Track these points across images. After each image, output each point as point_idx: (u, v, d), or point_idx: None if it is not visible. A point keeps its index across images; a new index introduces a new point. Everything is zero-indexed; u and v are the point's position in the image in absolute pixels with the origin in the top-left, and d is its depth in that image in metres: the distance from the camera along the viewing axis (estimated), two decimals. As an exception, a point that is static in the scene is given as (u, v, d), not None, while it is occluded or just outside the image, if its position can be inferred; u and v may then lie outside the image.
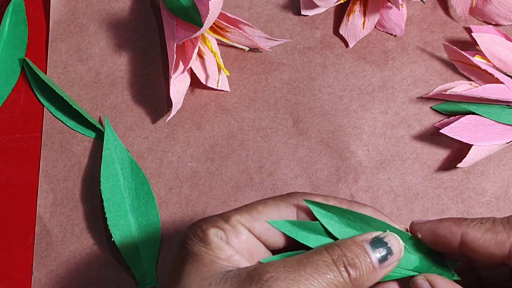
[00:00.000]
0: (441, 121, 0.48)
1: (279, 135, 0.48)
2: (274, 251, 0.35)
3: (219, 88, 0.49)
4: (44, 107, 0.50)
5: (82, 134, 0.49)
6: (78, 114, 0.49)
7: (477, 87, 0.46)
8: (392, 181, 0.47)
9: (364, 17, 0.49)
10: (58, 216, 0.48)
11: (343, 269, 0.31)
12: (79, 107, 0.49)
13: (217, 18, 0.46)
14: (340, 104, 0.49)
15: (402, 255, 0.34)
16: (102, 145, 0.48)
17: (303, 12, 0.50)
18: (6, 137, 0.50)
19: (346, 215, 0.34)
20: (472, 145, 0.45)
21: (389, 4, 0.48)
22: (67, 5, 0.52)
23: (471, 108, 0.46)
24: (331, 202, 0.35)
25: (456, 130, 0.45)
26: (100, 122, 0.49)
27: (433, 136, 0.48)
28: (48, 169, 0.49)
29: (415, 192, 0.47)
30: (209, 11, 0.43)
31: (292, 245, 0.35)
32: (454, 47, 0.46)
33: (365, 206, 0.35)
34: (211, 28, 0.47)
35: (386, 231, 0.34)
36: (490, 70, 0.45)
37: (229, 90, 0.49)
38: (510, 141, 0.46)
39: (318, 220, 0.34)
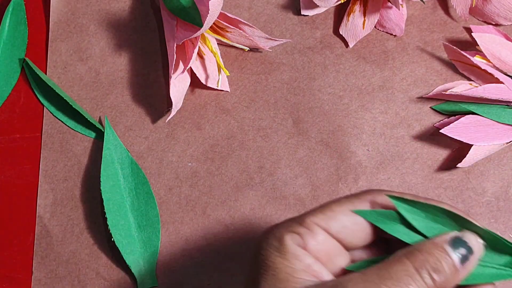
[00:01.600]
0: (441, 121, 0.48)
1: (279, 135, 0.48)
2: (352, 251, 0.34)
3: (219, 88, 0.49)
4: (44, 107, 0.50)
5: (82, 134, 0.49)
6: (78, 114, 0.49)
7: (477, 87, 0.46)
8: (392, 181, 0.47)
9: (364, 17, 0.49)
10: (58, 216, 0.48)
11: (427, 276, 0.30)
12: (79, 107, 0.49)
13: (217, 18, 0.46)
14: (340, 104, 0.49)
15: (482, 253, 0.32)
16: (102, 145, 0.48)
17: (303, 12, 0.50)
18: (6, 137, 0.50)
19: (430, 209, 0.33)
20: (472, 145, 0.45)
21: (389, 4, 0.48)
22: (67, 5, 0.52)
23: (471, 108, 0.46)
24: (408, 198, 0.33)
25: (456, 130, 0.45)
26: (100, 122, 0.49)
27: (433, 136, 0.48)
28: (48, 169, 0.49)
29: (415, 192, 0.47)
30: (209, 11, 0.43)
31: (371, 243, 0.34)
32: (454, 47, 0.46)
33: (442, 202, 0.34)
34: (211, 28, 0.47)
35: (461, 229, 0.33)
36: (490, 70, 0.45)
37: (229, 90, 0.49)
38: (510, 141, 0.46)
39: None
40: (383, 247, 0.35)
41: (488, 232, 0.33)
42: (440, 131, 0.45)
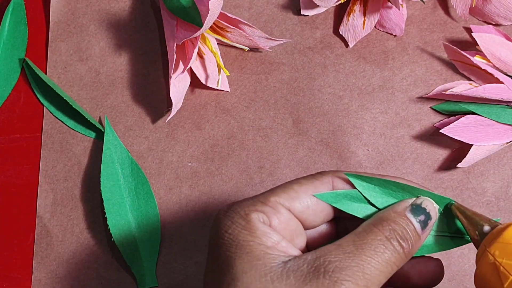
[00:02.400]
0: (441, 121, 0.48)
1: (279, 135, 0.48)
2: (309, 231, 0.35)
3: (219, 88, 0.49)
4: (44, 107, 0.50)
5: (82, 134, 0.49)
6: (78, 114, 0.49)
7: (477, 87, 0.46)
8: (392, 181, 0.47)
9: (364, 17, 0.49)
10: (58, 216, 0.48)
11: (397, 244, 0.32)
12: (79, 107, 0.49)
13: (217, 18, 0.46)
14: (340, 104, 0.49)
15: (437, 214, 0.34)
16: (102, 145, 0.48)
17: (303, 12, 0.50)
18: (6, 137, 0.50)
19: (387, 185, 0.34)
20: (472, 145, 0.45)
21: (389, 4, 0.48)
22: (67, 5, 0.52)
23: (471, 108, 0.46)
24: (365, 175, 0.34)
25: (456, 130, 0.45)
26: (100, 122, 0.49)
27: (433, 136, 0.48)
28: (48, 169, 0.49)
29: (415, 192, 0.47)
30: (209, 11, 0.43)
31: (328, 223, 0.35)
32: (454, 47, 0.46)
33: (398, 177, 0.35)
34: (211, 28, 0.47)
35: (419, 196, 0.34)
36: (490, 70, 0.45)
37: (229, 90, 0.49)
38: (510, 141, 0.46)
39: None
40: (335, 225, 0.36)
41: (440, 197, 0.34)
42: (440, 131, 0.45)
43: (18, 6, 0.51)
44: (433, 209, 0.34)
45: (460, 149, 0.47)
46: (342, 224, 0.36)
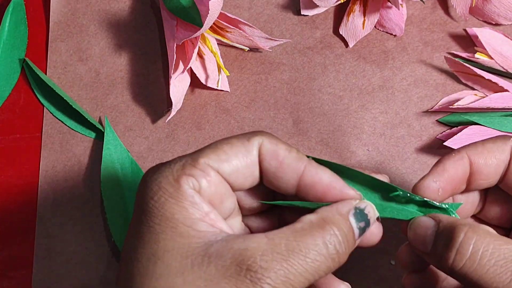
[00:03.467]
0: (443, 133, 0.48)
1: (279, 135, 0.48)
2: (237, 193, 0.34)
3: (219, 88, 0.49)
4: (44, 107, 0.50)
5: (82, 134, 0.49)
6: (78, 114, 0.49)
7: (482, 97, 0.46)
8: (392, 181, 0.47)
9: (364, 17, 0.49)
10: (58, 216, 0.48)
11: (333, 251, 0.30)
12: (79, 107, 0.49)
13: (217, 18, 0.46)
14: (340, 104, 0.49)
15: (376, 220, 0.33)
16: (102, 145, 0.48)
17: (303, 12, 0.50)
18: (6, 137, 0.50)
19: (342, 169, 0.34)
20: None
21: (389, 4, 0.48)
22: (67, 5, 0.52)
23: (474, 118, 0.45)
24: (292, 154, 0.32)
25: (460, 141, 0.45)
26: (100, 122, 0.49)
27: (432, 136, 0.48)
28: (48, 169, 0.49)
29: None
30: (209, 11, 0.43)
31: (256, 186, 0.34)
32: (456, 59, 0.46)
33: (324, 168, 0.33)
34: (211, 28, 0.47)
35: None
36: (495, 79, 0.45)
37: (229, 90, 0.49)
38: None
39: None
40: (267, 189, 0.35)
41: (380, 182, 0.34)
42: (444, 143, 0.45)
43: (18, 6, 0.51)
44: (373, 216, 0.32)
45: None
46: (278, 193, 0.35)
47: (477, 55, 0.47)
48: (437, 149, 0.48)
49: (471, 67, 0.46)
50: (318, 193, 0.32)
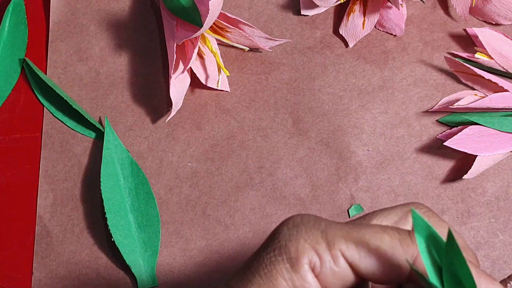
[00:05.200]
0: (443, 133, 0.48)
1: (279, 135, 0.48)
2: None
3: (219, 88, 0.49)
4: (44, 107, 0.50)
5: (82, 134, 0.49)
6: (78, 114, 0.49)
7: (482, 97, 0.46)
8: (392, 181, 0.47)
9: (364, 17, 0.49)
10: (58, 216, 0.48)
11: None
12: (79, 107, 0.49)
13: (217, 18, 0.46)
14: (340, 104, 0.49)
15: None
16: (102, 145, 0.48)
17: (303, 12, 0.50)
18: (6, 137, 0.50)
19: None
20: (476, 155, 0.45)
21: (389, 4, 0.48)
22: (67, 5, 0.52)
23: (473, 118, 0.45)
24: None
25: (460, 142, 0.45)
26: (100, 122, 0.49)
27: (433, 136, 0.48)
28: (48, 169, 0.49)
29: (415, 192, 0.47)
30: (209, 11, 0.43)
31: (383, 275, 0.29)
32: (456, 59, 0.46)
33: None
34: (211, 28, 0.47)
35: None
36: (495, 79, 0.45)
37: (229, 90, 0.49)
38: (514, 149, 0.46)
39: None
40: None
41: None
42: (444, 143, 0.45)
43: (18, 6, 0.51)
44: None
45: (464, 157, 0.47)
46: None
47: (477, 55, 0.47)
48: (437, 149, 0.48)
49: (471, 67, 0.46)
50: None
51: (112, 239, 0.46)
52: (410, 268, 0.28)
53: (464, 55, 0.48)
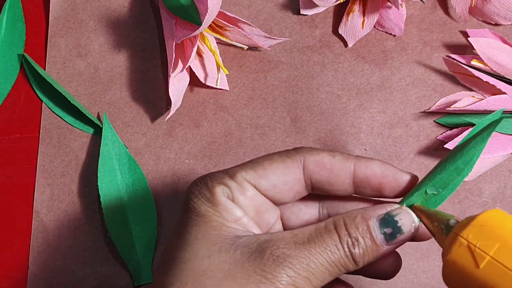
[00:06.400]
0: (443, 134, 0.47)
1: (277, 133, 0.48)
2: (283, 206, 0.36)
3: (218, 86, 0.49)
4: (43, 103, 0.50)
5: (80, 129, 0.49)
6: (76, 110, 0.49)
7: (480, 99, 0.46)
8: (389, 180, 0.47)
9: (364, 17, 0.49)
10: (54, 211, 0.48)
11: (347, 249, 0.31)
12: (77, 102, 0.49)
13: (216, 16, 0.46)
14: (338, 103, 0.49)
15: (414, 232, 0.32)
16: (100, 141, 0.48)
17: (302, 11, 0.50)
18: (6, 137, 0.50)
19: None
20: None
21: (389, 4, 0.48)
22: (66, 1, 0.52)
23: (473, 120, 0.45)
24: (338, 158, 0.34)
25: None
26: (98, 118, 0.50)
27: (430, 136, 0.48)
28: (46, 164, 0.49)
29: (412, 192, 0.47)
30: (208, 10, 0.43)
31: (300, 200, 0.35)
32: (455, 61, 0.46)
33: (372, 160, 0.34)
34: (210, 26, 0.48)
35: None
36: (492, 81, 0.45)
37: (228, 89, 0.49)
38: (513, 150, 0.45)
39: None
40: (316, 199, 0.36)
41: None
42: (445, 146, 0.45)
43: (15, 3, 0.52)
44: (408, 223, 0.32)
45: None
46: (326, 203, 0.37)
47: (473, 62, 0.46)
48: (435, 149, 0.48)
49: (469, 69, 0.46)
50: (374, 185, 0.34)
51: (108, 235, 0.46)
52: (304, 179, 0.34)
53: (462, 60, 0.48)
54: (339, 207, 0.36)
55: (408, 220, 0.32)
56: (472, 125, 0.45)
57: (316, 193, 0.35)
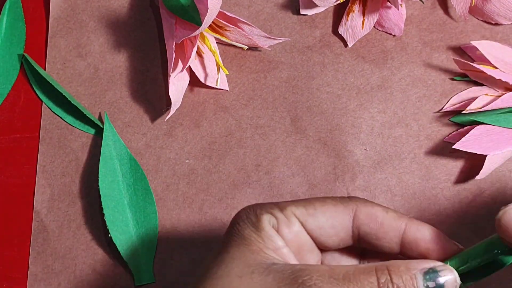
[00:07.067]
0: (450, 135, 0.47)
1: (277, 133, 0.49)
2: (325, 252, 0.36)
3: (218, 87, 0.49)
4: (43, 103, 0.50)
5: (80, 130, 0.49)
6: (77, 110, 0.49)
7: (493, 95, 0.46)
8: (389, 180, 0.47)
9: (363, 17, 0.49)
10: (55, 211, 0.48)
11: None
12: (77, 103, 0.49)
13: (216, 16, 0.46)
14: (338, 103, 0.49)
15: None
16: (100, 141, 0.48)
17: (302, 11, 0.50)
18: (6, 136, 0.50)
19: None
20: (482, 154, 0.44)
21: (388, 4, 0.48)
22: (67, 1, 0.52)
23: (479, 118, 0.45)
24: (391, 214, 0.34)
25: (468, 143, 0.45)
26: (99, 118, 0.50)
27: (430, 136, 0.48)
28: (46, 165, 0.49)
29: (412, 192, 0.47)
30: (208, 10, 0.43)
31: (346, 248, 0.35)
32: (466, 62, 0.46)
33: (424, 224, 0.34)
34: (210, 26, 0.48)
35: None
36: (505, 78, 0.45)
37: (228, 89, 0.50)
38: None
39: None
40: (359, 254, 0.37)
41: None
42: (453, 146, 0.44)
43: (15, 3, 0.52)
44: (451, 282, 0.32)
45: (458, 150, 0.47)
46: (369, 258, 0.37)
47: (477, 65, 0.46)
48: (435, 149, 0.48)
49: (480, 68, 0.45)
50: (422, 249, 0.34)
51: (109, 235, 0.46)
52: (352, 227, 0.34)
53: (472, 54, 0.48)
54: None
55: (451, 278, 0.32)
56: (479, 123, 0.45)
57: (361, 246, 0.35)
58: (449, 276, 0.32)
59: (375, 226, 0.34)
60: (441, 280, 0.32)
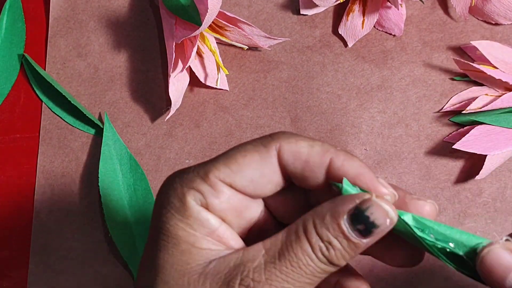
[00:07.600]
0: (450, 135, 0.47)
1: (277, 133, 0.48)
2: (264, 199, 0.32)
3: (218, 87, 0.49)
4: (43, 103, 0.50)
5: (80, 130, 0.49)
6: (77, 110, 0.49)
7: (493, 95, 0.46)
8: (389, 180, 0.47)
9: (363, 17, 0.49)
10: (55, 211, 0.48)
11: (321, 256, 0.28)
12: (77, 102, 0.49)
13: (216, 16, 0.46)
14: (338, 103, 0.49)
15: (392, 223, 0.29)
16: (100, 141, 0.48)
17: (302, 11, 0.50)
18: (6, 136, 0.50)
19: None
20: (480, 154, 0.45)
21: (388, 4, 0.48)
22: (67, 1, 0.52)
23: (479, 118, 0.45)
24: (316, 149, 0.30)
25: (468, 143, 0.45)
26: (99, 118, 0.50)
27: (430, 136, 0.48)
28: (46, 165, 0.49)
29: (412, 192, 0.47)
30: (208, 10, 0.43)
31: (282, 190, 0.32)
32: (466, 62, 0.46)
33: (351, 159, 0.30)
34: (210, 26, 0.48)
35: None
36: (505, 78, 0.45)
37: (228, 89, 0.50)
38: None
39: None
40: (298, 190, 0.33)
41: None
42: (454, 146, 0.44)
43: (15, 3, 0.52)
44: (381, 217, 0.28)
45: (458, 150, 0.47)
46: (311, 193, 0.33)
47: (477, 65, 0.46)
48: (435, 149, 0.48)
49: (480, 67, 0.45)
50: None
51: (109, 235, 0.46)
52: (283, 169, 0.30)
53: (472, 53, 0.48)
54: (321, 196, 0.32)
55: (380, 213, 0.28)
56: (479, 123, 0.45)
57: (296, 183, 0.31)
58: (377, 211, 0.28)
59: (300, 165, 0.30)
60: (370, 219, 0.28)
